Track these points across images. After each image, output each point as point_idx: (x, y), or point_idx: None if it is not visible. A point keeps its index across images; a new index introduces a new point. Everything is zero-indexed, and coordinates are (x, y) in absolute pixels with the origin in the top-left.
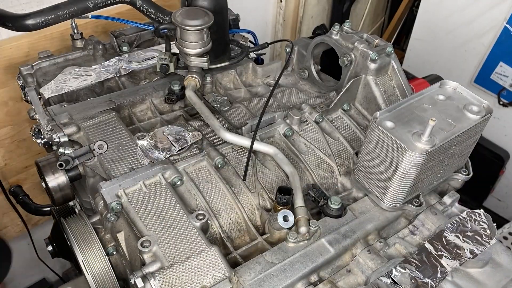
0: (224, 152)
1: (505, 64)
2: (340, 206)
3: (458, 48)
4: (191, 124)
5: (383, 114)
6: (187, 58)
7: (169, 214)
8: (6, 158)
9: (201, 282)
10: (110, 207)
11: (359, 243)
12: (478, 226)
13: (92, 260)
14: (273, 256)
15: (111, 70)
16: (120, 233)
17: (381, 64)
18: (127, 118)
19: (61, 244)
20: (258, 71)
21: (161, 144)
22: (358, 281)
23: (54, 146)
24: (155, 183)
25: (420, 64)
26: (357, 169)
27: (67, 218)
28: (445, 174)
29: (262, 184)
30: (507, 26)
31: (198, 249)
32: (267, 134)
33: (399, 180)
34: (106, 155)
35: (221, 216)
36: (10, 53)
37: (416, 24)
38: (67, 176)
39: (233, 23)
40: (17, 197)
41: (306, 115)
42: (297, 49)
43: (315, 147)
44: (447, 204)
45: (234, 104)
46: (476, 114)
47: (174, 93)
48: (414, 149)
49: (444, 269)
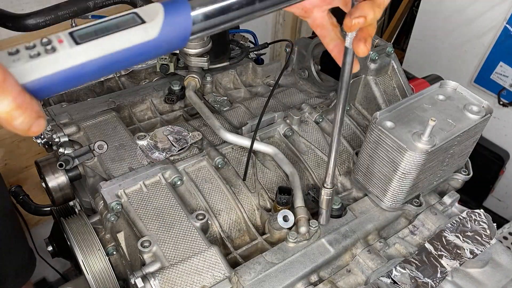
0: (224, 152)
1: (505, 64)
2: (340, 206)
3: (458, 48)
4: (191, 124)
5: (383, 114)
6: (187, 58)
7: (169, 214)
8: (6, 158)
9: (201, 282)
10: (110, 207)
11: (359, 243)
12: (478, 226)
13: (92, 260)
14: (273, 256)
15: None
16: (120, 233)
17: (381, 64)
18: (127, 118)
19: (61, 244)
20: (258, 71)
21: (161, 144)
22: (358, 281)
23: (54, 146)
24: (155, 183)
25: (420, 64)
26: (357, 169)
27: (67, 218)
28: (445, 174)
29: (262, 184)
30: (507, 26)
31: (198, 249)
32: (267, 134)
33: (399, 180)
34: (106, 155)
35: (221, 216)
36: None
37: (416, 24)
38: (67, 176)
39: None
40: (17, 197)
41: (306, 115)
42: (297, 49)
43: (315, 147)
44: (447, 204)
45: (234, 104)
46: (476, 114)
47: (174, 93)
48: (414, 149)
49: (444, 269)
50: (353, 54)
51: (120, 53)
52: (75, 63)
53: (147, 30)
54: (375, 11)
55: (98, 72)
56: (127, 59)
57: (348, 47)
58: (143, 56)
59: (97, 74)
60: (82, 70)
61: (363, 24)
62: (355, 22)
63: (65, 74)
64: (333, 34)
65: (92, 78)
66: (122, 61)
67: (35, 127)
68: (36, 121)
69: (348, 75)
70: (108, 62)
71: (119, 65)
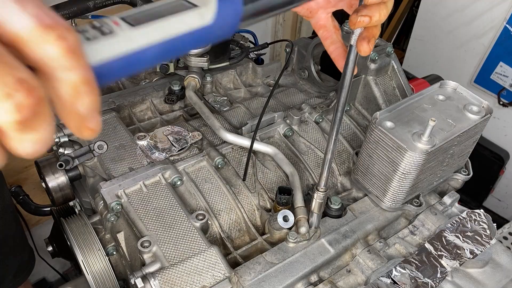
0: (224, 152)
1: (505, 64)
2: (340, 206)
3: (458, 48)
4: (191, 124)
5: (383, 114)
6: (187, 58)
7: (169, 214)
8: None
9: (201, 282)
10: (110, 207)
11: (359, 243)
12: (478, 226)
13: (92, 260)
14: (273, 256)
15: None
16: (120, 233)
17: (381, 64)
18: (127, 118)
19: (61, 244)
20: (258, 71)
21: (161, 144)
22: (358, 281)
23: (54, 146)
24: (155, 183)
25: (420, 64)
26: (357, 169)
27: (67, 218)
28: (445, 174)
29: (262, 184)
30: (507, 26)
31: (198, 249)
32: (267, 134)
33: (399, 180)
34: (106, 155)
35: (221, 216)
36: None
37: (416, 24)
38: (67, 176)
39: None
40: (17, 197)
41: (306, 115)
42: (297, 49)
43: (315, 147)
44: (447, 204)
45: (234, 104)
46: (476, 114)
47: (174, 93)
48: (414, 149)
49: (444, 269)
50: (357, 53)
51: (179, 38)
52: (137, 46)
53: (202, 14)
54: (381, 14)
55: (157, 58)
56: (186, 44)
57: (353, 44)
58: (200, 41)
59: (155, 60)
60: (143, 54)
61: (368, 23)
62: (360, 20)
63: (127, 58)
64: (335, 37)
65: (150, 63)
66: (181, 47)
67: (92, 123)
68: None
69: (350, 73)
70: (169, 46)
71: (178, 51)
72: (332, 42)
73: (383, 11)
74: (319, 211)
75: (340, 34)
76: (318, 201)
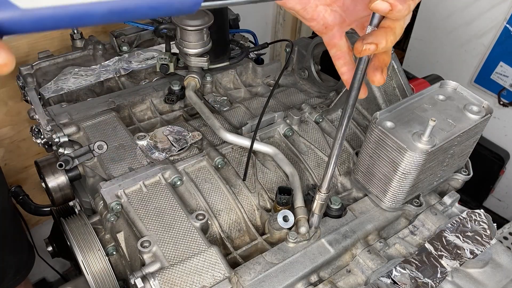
0: (224, 152)
1: (505, 64)
2: (340, 206)
3: (458, 48)
4: (191, 124)
5: (383, 114)
6: (187, 58)
7: (169, 214)
8: (6, 158)
9: (201, 282)
10: (110, 207)
11: (359, 243)
12: (478, 226)
13: (92, 260)
14: (273, 256)
15: (111, 70)
16: (120, 233)
17: None
18: (127, 118)
19: (61, 244)
20: (258, 71)
21: (161, 144)
22: (358, 281)
23: (54, 146)
24: (155, 183)
25: (420, 64)
26: (357, 169)
27: (67, 218)
28: (445, 174)
29: (262, 184)
30: (507, 26)
31: (198, 249)
32: (267, 134)
33: (399, 180)
34: (106, 155)
35: (221, 216)
36: None
37: (416, 24)
38: (67, 176)
39: (233, 23)
40: (17, 197)
41: (306, 115)
42: (297, 49)
43: (315, 147)
44: (447, 204)
45: (234, 104)
46: (476, 114)
47: (174, 93)
48: (414, 149)
49: (444, 269)
50: (367, 62)
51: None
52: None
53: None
54: (388, 40)
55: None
56: (137, 8)
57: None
58: (158, 10)
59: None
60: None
61: (374, 51)
62: (366, 48)
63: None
64: (348, 58)
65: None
66: (132, 10)
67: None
68: None
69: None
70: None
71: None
72: (345, 63)
73: (391, 37)
74: (320, 212)
75: (352, 55)
76: (320, 202)
